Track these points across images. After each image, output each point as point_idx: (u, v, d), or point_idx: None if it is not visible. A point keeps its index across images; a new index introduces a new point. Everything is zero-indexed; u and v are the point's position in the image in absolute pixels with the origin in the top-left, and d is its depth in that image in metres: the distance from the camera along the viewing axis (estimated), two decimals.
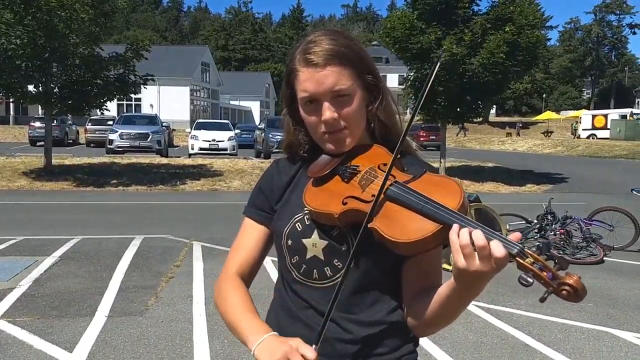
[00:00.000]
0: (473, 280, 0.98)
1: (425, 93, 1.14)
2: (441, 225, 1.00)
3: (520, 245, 0.94)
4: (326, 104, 1.17)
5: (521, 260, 0.93)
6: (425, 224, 1.02)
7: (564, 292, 0.90)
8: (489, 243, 0.93)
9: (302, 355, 1.01)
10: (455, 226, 0.97)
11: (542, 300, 0.94)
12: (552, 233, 7.26)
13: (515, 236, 0.97)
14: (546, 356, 4.07)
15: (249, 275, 1.30)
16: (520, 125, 46.43)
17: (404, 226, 1.04)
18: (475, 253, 0.94)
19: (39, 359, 3.82)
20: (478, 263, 0.94)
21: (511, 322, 4.75)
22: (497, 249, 0.93)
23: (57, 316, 4.67)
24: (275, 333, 1.11)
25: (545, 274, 0.92)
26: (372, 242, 1.08)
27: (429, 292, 1.11)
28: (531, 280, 0.92)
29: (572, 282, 0.90)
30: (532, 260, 0.93)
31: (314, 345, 1.04)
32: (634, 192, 9.33)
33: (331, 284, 1.18)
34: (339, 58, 1.16)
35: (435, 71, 1.11)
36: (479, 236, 0.94)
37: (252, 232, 1.31)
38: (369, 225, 1.07)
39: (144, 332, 4.36)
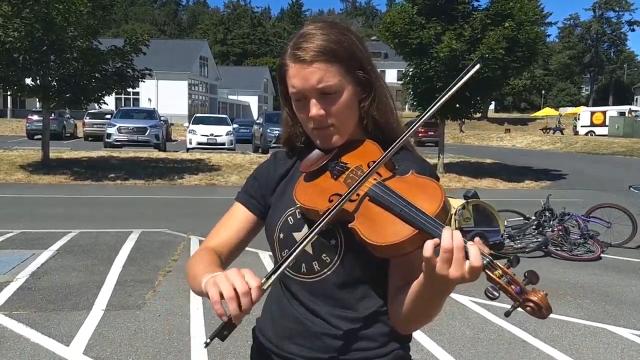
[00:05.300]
0: (441, 283, 0.98)
1: (438, 105, 1.13)
2: (417, 230, 0.99)
3: (489, 257, 0.93)
4: (313, 101, 1.16)
5: (489, 273, 0.92)
6: (402, 228, 1.01)
7: (528, 308, 0.89)
8: (466, 249, 0.93)
9: (246, 281, 0.97)
10: (446, 233, 0.95)
11: (507, 314, 0.93)
12: (550, 229, 7.28)
13: (484, 248, 0.95)
14: (542, 352, 4.08)
15: (225, 258, 1.28)
16: (463, 122, 39.46)
17: (381, 229, 1.03)
18: (452, 259, 0.94)
19: (36, 353, 3.81)
20: (451, 268, 0.94)
21: (508, 317, 4.75)
22: (475, 257, 0.92)
23: (54, 310, 4.66)
24: None
25: (512, 287, 0.90)
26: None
27: (408, 288, 1.10)
28: (497, 294, 0.90)
29: (537, 299, 0.89)
30: (500, 272, 0.91)
31: (263, 279, 1.01)
32: (632, 189, 9.35)
33: (318, 279, 1.18)
34: (326, 55, 1.14)
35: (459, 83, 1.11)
36: (457, 237, 0.94)
37: (238, 216, 1.31)
38: (349, 226, 1.06)
39: (142, 325, 4.36)
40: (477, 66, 1.12)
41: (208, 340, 0.99)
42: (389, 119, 1.24)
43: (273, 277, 1.03)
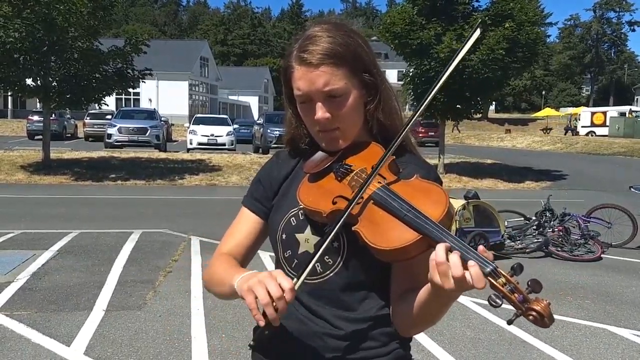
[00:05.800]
0: (447, 294, 0.98)
1: (432, 95, 1.12)
2: (421, 235, 0.99)
3: (493, 264, 0.92)
4: (319, 104, 1.16)
5: (493, 281, 0.91)
6: (406, 233, 1.01)
7: (530, 317, 0.89)
8: (467, 270, 0.92)
9: (279, 284, 0.99)
10: (439, 246, 0.95)
11: (510, 322, 0.93)
12: (551, 230, 7.28)
13: (488, 255, 0.95)
14: (543, 352, 4.08)
15: (239, 262, 1.29)
16: (457, 123, 39.49)
17: (385, 232, 1.03)
18: (450, 275, 0.93)
19: (37, 353, 3.82)
20: (453, 284, 0.94)
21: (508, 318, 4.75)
22: (478, 279, 0.91)
23: (55, 310, 4.66)
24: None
25: (515, 295, 0.90)
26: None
27: (413, 293, 1.10)
28: (500, 302, 0.90)
29: (540, 308, 0.88)
30: (504, 280, 0.91)
31: (294, 279, 1.04)
32: (632, 189, 9.35)
33: (320, 280, 1.18)
34: (332, 58, 1.14)
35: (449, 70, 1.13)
36: (456, 264, 0.92)
37: (246, 222, 1.32)
38: (353, 228, 1.07)
39: (142, 326, 4.36)
40: (478, 31, 1.11)
41: (252, 343, 1.14)
42: (394, 121, 1.24)
43: (302, 276, 1.07)
